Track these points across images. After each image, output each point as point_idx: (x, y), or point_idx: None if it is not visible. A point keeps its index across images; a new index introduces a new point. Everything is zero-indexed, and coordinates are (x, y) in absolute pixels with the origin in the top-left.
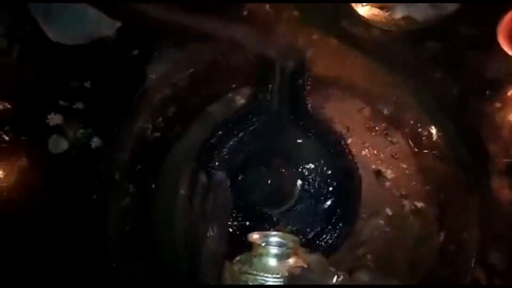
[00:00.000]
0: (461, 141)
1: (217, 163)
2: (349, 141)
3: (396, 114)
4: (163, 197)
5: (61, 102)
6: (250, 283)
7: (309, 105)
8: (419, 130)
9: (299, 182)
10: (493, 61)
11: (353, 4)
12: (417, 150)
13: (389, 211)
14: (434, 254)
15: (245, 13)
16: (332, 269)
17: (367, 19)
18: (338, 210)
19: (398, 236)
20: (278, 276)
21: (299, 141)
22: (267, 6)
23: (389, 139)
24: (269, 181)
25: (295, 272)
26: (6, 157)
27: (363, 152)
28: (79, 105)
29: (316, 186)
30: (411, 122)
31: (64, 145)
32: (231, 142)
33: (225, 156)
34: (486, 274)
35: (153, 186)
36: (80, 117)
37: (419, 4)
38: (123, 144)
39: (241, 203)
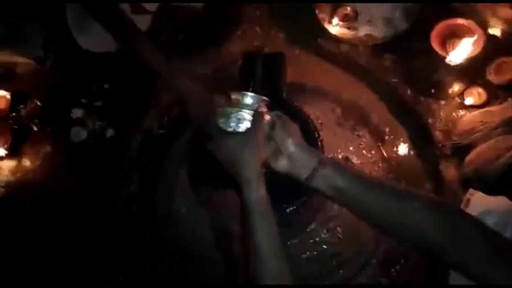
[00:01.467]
0: (417, 134)
1: None
2: (322, 133)
3: (363, 113)
4: (164, 184)
5: (83, 100)
6: (233, 117)
7: (284, 93)
8: (382, 126)
9: None
10: (435, 66)
11: (326, 25)
12: (380, 143)
13: None
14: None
15: (238, 33)
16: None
17: (337, 37)
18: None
19: None
20: (249, 112)
21: None
22: (258, 28)
23: (357, 133)
24: None
25: (260, 110)
26: (33, 145)
27: (334, 142)
28: (99, 103)
29: None
30: (376, 119)
31: (83, 135)
32: None
33: None
34: None
35: (156, 174)
36: (99, 112)
37: (378, 24)
38: (133, 137)
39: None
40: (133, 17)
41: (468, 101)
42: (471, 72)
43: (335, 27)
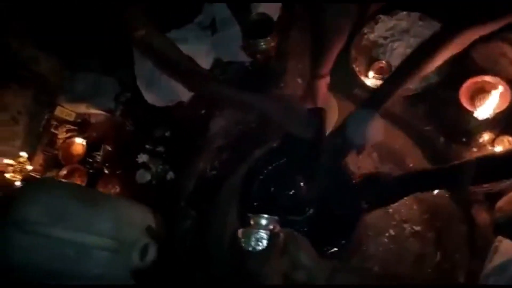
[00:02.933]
0: None
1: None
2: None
3: (398, 157)
4: (216, 221)
5: (147, 146)
6: (252, 237)
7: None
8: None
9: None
10: (466, 116)
11: (362, 77)
12: None
13: (392, 232)
14: (432, 270)
15: (282, 84)
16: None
17: (373, 88)
18: (340, 226)
19: (400, 253)
20: (265, 232)
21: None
22: (299, 79)
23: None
24: (291, 192)
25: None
26: (105, 185)
27: None
28: (161, 148)
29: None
30: (411, 164)
31: (147, 177)
32: (266, 170)
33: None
34: (469, 279)
35: (209, 211)
36: (161, 157)
37: None
38: (189, 179)
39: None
40: None
41: (498, 149)
42: (501, 122)
43: (371, 79)
